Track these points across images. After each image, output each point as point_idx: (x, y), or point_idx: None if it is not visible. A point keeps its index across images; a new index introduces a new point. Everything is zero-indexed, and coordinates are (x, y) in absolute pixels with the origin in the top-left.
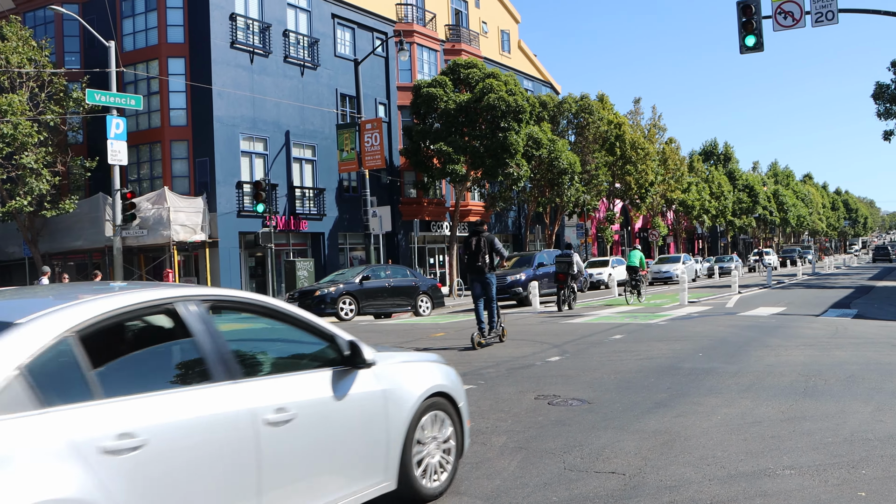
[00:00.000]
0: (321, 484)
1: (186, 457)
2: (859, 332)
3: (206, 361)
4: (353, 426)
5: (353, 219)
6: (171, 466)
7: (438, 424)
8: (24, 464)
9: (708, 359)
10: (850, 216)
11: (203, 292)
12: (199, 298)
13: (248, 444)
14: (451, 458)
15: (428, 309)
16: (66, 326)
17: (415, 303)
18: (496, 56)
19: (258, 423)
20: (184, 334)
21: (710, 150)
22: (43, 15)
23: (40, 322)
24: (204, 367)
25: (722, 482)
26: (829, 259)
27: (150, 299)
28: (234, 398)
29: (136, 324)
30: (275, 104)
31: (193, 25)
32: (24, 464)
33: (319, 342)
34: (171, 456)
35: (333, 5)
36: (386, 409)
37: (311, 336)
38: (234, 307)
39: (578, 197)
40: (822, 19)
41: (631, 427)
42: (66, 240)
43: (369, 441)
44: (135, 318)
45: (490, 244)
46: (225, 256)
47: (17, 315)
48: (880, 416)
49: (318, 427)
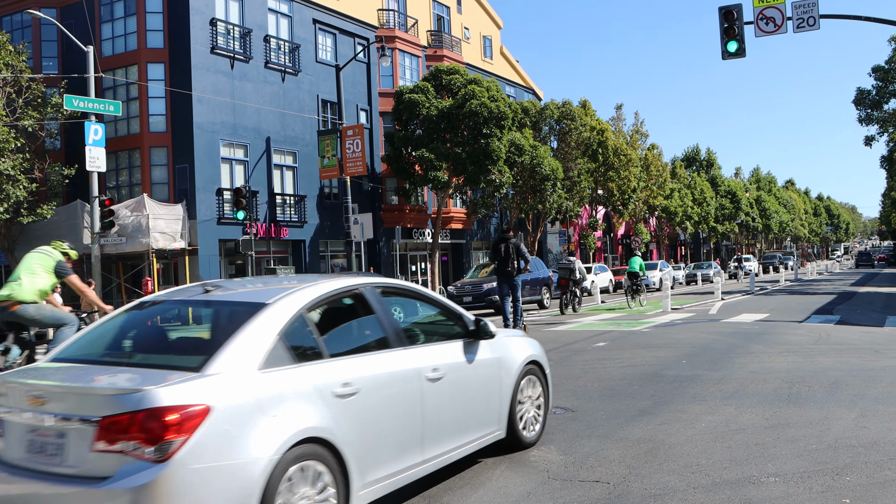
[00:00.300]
0: (460, 428)
1: (383, 400)
2: (842, 339)
3: (386, 332)
4: (479, 385)
5: (334, 226)
6: (375, 407)
7: (532, 386)
8: (291, 402)
9: (692, 366)
10: (832, 222)
11: (377, 281)
12: (375, 285)
13: (417, 392)
14: (542, 413)
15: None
16: (300, 304)
17: None
18: (478, 62)
19: (422, 378)
20: (367, 312)
21: (692, 156)
22: (20, 19)
23: (284, 301)
24: (384, 337)
25: (706, 490)
26: (811, 265)
27: (346, 286)
28: (406, 360)
29: (336, 303)
30: (255, 110)
31: (173, 30)
32: (291, 402)
33: (452, 319)
34: (375, 399)
35: (315, 10)
36: (499, 373)
37: (445, 315)
38: (397, 292)
39: (561, 203)
40: (804, 25)
41: (615, 435)
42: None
43: (489, 397)
44: (337, 300)
45: (517, 249)
46: (205, 264)
47: (264, 298)
48: (864, 423)
49: (458, 384)
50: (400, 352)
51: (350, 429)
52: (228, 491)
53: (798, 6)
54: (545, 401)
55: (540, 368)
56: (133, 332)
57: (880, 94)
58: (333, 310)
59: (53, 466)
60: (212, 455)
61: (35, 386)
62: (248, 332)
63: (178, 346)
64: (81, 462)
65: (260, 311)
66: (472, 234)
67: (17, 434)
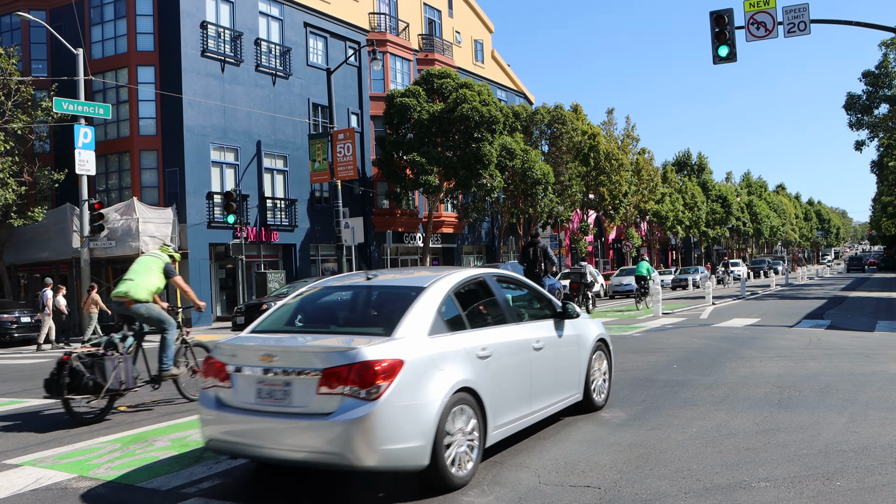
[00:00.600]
0: (554, 389)
1: (507, 363)
2: (833, 343)
3: (503, 310)
4: (566, 356)
5: (325, 230)
6: (503, 367)
7: (600, 360)
8: (451, 360)
9: (683, 371)
10: (822, 226)
11: (493, 271)
12: (492, 274)
13: (527, 359)
14: (607, 383)
15: None
16: (447, 287)
17: None
18: (469, 66)
19: (530, 348)
20: (489, 295)
21: (683, 160)
22: (9, 21)
23: (437, 285)
24: (503, 314)
25: (697, 495)
26: (802, 269)
27: (474, 274)
28: (519, 333)
29: (469, 287)
30: (246, 114)
31: (163, 33)
32: (451, 360)
33: (543, 302)
34: (502, 362)
35: (306, 14)
36: (579, 347)
37: (539, 299)
38: (506, 280)
39: (552, 208)
40: (795, 30)
41: (606, 440)
42: (33, 251)
43: (572, 366)
44: (469, 284)
45: (544, 253)
46: (195, 268)
47: (421, 283)
48: (854, 428)
49: (553, 354)
50: (514, 326)
51: (487, 383)
52: (416, 422)
53: (789, 11)
54: (609, 373)
55: (606, 346)
56: (314, 309)
57: (871, 99)
58: (467, 292)
59: (282, 407)
60: (405, 395)
61: (264, 347)
62: (417, 307)
63: (364, 318)
64: (307, 403)
65: (422, 293)
66: (464, 238)
67: (247, 384)
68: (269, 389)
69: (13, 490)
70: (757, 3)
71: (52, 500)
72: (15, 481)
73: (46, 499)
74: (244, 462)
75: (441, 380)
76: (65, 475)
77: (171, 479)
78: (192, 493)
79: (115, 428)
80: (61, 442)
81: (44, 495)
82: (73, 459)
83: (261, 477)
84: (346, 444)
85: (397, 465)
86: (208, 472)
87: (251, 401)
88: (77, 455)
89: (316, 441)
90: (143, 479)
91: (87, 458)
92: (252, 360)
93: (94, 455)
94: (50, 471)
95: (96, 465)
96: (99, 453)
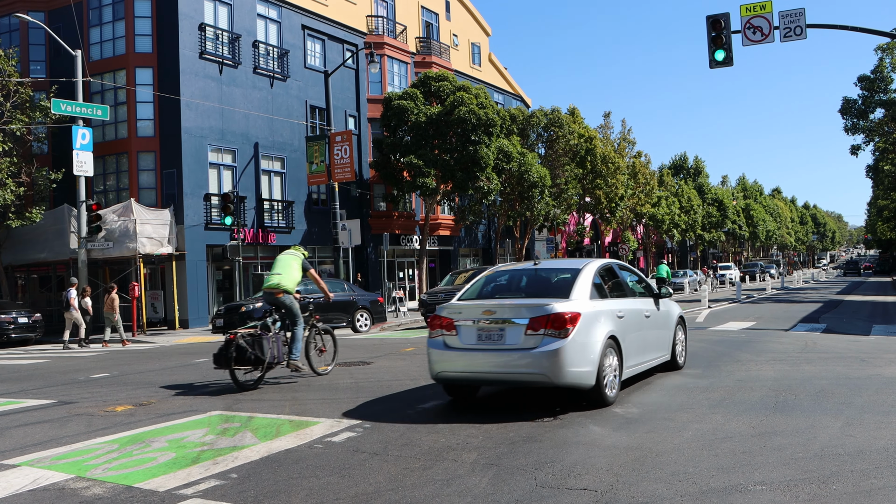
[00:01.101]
0: (654, 349)
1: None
2: (828, 347)
3: (625, 288)
4: (661, 325)
5: (322, 232)
6: (629, 326)
7: (679, 332)
8: (603, 316)
9: (679, 374)
10: (818, 230)
11: (616, 261)
12: (616, 263)
13: (642, 323)
14: (685, 350)
15: (367, 325)
16: (594, 269)
17: (352, 318)
18: (467, 69)
19: (643, 315)
20: (615, 277)
21: (679, 163)
22: (8, 23)
23: (588, 267)
24: (624, 290)
25: (694, 498)
26: (797, 273)
27: (606, 262)
28: (636, 304)
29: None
30: (244, 115)
31: (162, 35)
32: (603, 316)
33: (644, 283)
34: (630, 322)
35: (304, 17)
36: (668, 320)
37: (642, 282)
38: (624, 268)
39: (549, 211)
40: (791, 34)
41: (602, 443)
42: (30, 252)
43: (665, 333)
44: (604, 268)
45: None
46: (192, 269)
47: (578, 265)
48: (850, 431)
49: (654, 323)
50: (633, 299)
51: (622, 336)
52: (588, 354)
53: (785, 16)
54: (685, 343)
55: (683, 322)
56: (500, 285)
57: (866, 104)
58: (605, 273)
59: (498, 345)
60: (582, 336)
61: (484, 305)
62: (580, 280)
63: (544, 289)
64: (517, 341)
65: (580, 272)
66: (460, 241)
67: (469, 332)
68: (487, 334)
69: (11, 490)
70: (753, 7)
71: (50, 501)
72: (12, 482)
73: (44, 499)
74: (243, 463)
75: (600, 328)
76: (63, 476)
77: (169, 480)
78: (189, 494)
79: (112, 429)
80: (59, 442)
81: (41, 496)
82: (71, 460)
83: (259, 477)
84: (547, 367)
85: (576, 383)
86: (206, 473)
87: (473, 343)
88: (75, 455)
89: (524, 367)
90: (140, 479)
91: (85, 459)
92: (475, 314)
93: (91, 455)
94: (48, 471)
95: (94, 466)
96: (96, 454)
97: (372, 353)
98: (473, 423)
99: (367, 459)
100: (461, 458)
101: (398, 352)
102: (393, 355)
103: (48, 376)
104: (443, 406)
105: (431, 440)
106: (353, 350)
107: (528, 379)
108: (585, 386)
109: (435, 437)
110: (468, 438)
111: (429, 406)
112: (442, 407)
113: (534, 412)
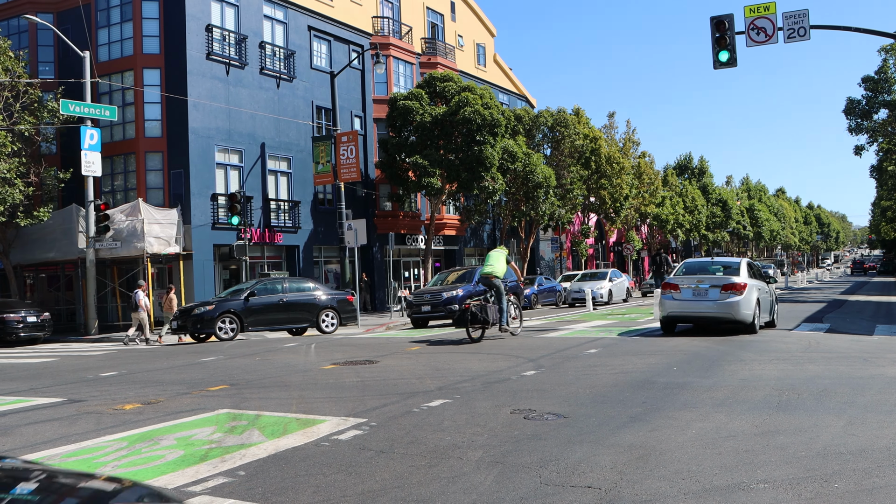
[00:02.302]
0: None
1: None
2: (832, 347)
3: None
4: (769, 299)
5: (328, 232)
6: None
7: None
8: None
9: (682, 373)
10: (822, 230)
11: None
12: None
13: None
14: (777, 314)
15: (333, 325)
16: (746, 261)
17: (317, 318)
18: (472, 69)
19: (766, 291)
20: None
21: (684, 164)
22: (17, 24)
23: (743, 260)
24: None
25: (697, 496)
26: (801, 273)
27: (748, 259)
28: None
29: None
30: (250, 116)
31: (169, 36)
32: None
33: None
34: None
35: (310, 17)
36: (771, 296)
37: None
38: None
39: (553, 211)
40: (795, 35)
41: (606, 441)
42: (39, 251)
43: (771, 304)
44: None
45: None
46: (199, 269)
47: (738, 260)
48: (853, 430)
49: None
50: (761, 281)
51: (760, 299)
52: (750, 304)
53: (789, 17)
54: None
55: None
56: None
57: (870, 104)
58: (749, 265)
59: (703, 300)
60: (748, 294)
61: (695, 278)
62: (742, 266)
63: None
64: (715, 298)
65: (742, 262)
66: (466, 241)
67: (686, 292)
68: (697, 293)
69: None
70: (757, 8)
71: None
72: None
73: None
74: (251, 461)
75: (753, 293)
76: None
77: (178, 478)
78: (198, 491)
79: (121, 427)
80: (69, 440)
81: None
82: (81, 458)
83: (267, 475)
84: (733, 310)
85: (743, 319)
86: (214, 470)
87: (689, 298)
88: (84, 453)
89: (718, 309)
90: (149, 477)
91: (94, 457)
92: (691, 283)
93: (101, 453)
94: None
95: (103, 464)
96: (105, 451)
97: (377, 351)
98: (478, 422)
99: (374, 457)
100: (466, 456)
101: (403, 351)
102: (398, 354)
103: (57, 375)
104: (448, 405)
105: (437, 438)
106: (359, 349)
107: (718, 317)
108: (747, 321)
109: (440, 435)
110: (473, 437)
111: (434, 405)
112: (447, 406)
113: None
